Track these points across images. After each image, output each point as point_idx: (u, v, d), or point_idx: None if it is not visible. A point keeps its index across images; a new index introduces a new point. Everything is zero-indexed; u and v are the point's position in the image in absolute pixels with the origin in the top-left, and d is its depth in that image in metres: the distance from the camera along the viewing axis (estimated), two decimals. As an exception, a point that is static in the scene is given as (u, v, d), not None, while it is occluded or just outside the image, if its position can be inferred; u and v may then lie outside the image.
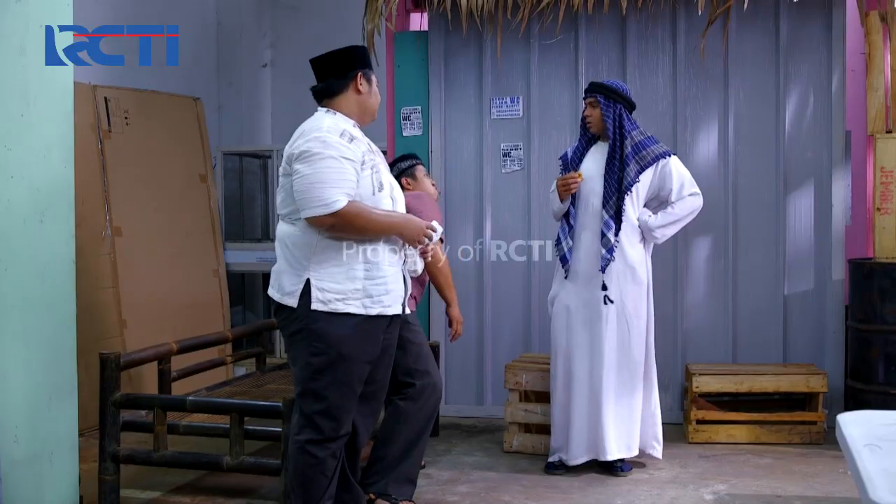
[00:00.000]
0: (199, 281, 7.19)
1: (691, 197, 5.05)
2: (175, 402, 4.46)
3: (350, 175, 3.48)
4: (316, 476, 3.61)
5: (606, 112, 4.94)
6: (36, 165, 4.00)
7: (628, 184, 4.92)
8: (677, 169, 5.03)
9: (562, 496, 4.67)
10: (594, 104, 4.98)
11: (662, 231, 5.03)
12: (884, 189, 5.64)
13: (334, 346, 3.52)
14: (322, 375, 3.55)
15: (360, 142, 3.60)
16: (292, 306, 3.54)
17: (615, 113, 4.94)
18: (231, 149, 8.11)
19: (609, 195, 4.91)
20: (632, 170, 4.91)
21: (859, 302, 5.60)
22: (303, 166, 3.46)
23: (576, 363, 4.98)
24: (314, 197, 3.43)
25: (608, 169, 4.93)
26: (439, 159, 6.41)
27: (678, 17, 6.10)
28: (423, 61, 6.44)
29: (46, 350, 4.06)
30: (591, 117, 5.00)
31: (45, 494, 4.03)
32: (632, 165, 4.91)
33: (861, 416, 3.54)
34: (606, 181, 4.93)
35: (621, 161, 4.92)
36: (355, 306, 3.53)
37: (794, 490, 4.71)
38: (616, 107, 4.95)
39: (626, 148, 4.93)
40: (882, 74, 5.74)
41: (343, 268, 3.52)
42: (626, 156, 4.92)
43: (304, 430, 3.61)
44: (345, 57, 3.72)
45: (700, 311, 6.14)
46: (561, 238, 5.02)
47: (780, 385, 5.59)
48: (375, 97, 3.80)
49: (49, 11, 4.05)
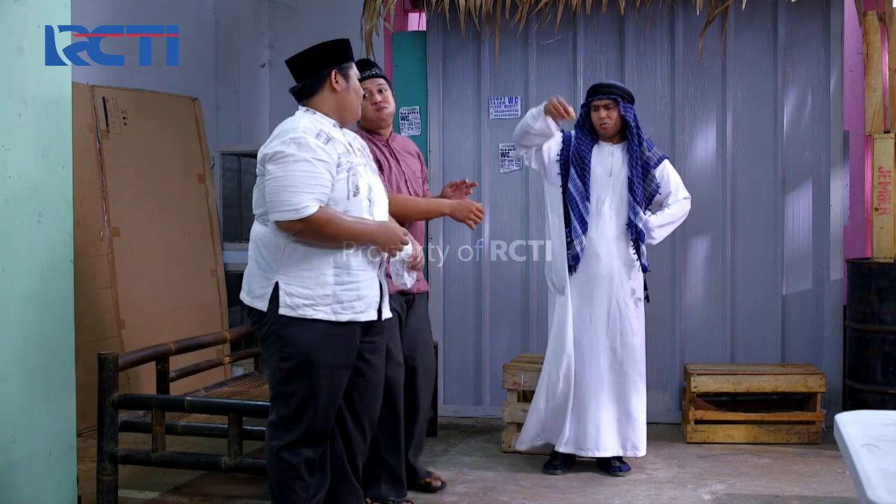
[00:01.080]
0: (197, 281, 7.18)
1: (685, 200, 5.13)
2: (173, 402, 4.46)
3: (324, 179, 3.41)
4: (291, 482, 3.54)
5: (626, 114, 4.95)
6: (34, 165, 4.00)
7: (656, 186, 5.00)
8: (673, 171, 5.10)
9: (560, 496, 4.68)
10: (611, 106, 4.94)
11: (661, 231, 5.07)
12: (882, 189, 5.64)
13: (302, 351, 3.45)
14: (291, 380, 3.49)
15: (336, 143, 3.52)
16: (262, 310, 3.49)
17: (633, 114, 4.98)
18: (229, 149, 8.09)
19: (639, 199, 4.95)
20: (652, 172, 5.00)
21: (857, 302, 5.61)
22: (275, 167, 3.41)
23: (578, 357, 4.99)
24: (284, 201, 3.37)
25: (633, 171, 4.95)
26: (438, 159, 6.41)
27: (676, 17, 6.10)
28: (422, 61, 6.44)
29: (44, 350, 4.05)
30: (609, 118, 4.95)
31: (43, 495, 4.03)
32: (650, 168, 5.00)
33: (859, 416, 3.54)
34: (634, 184, 4.94)
35: (643, 163, 4.97)
36: (324, 312, 3.46)
37: (792, 490, 4.72)
38: (631, 108, 4.98)
39: (645, 150, 4.97)
40: (880, 74, 5.74)
41: (313, 272, 3.45)
42: (647, 158, 4.98)
43: (276, 435, 3.56)
44: (319, 54, 3.65)
45: (698, 311, 6.14)
46: (573, 236, 4.98)
47: (778, 385, 5.60)
48: (356, 94, 3.70)
49: (47, 11, 4.04)
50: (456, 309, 6.42)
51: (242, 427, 4.24)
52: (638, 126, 4.98)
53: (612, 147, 5.03)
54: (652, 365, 6.14)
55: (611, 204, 5.00)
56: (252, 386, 5.40)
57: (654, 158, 5.02)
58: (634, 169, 4.95)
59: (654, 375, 6.16)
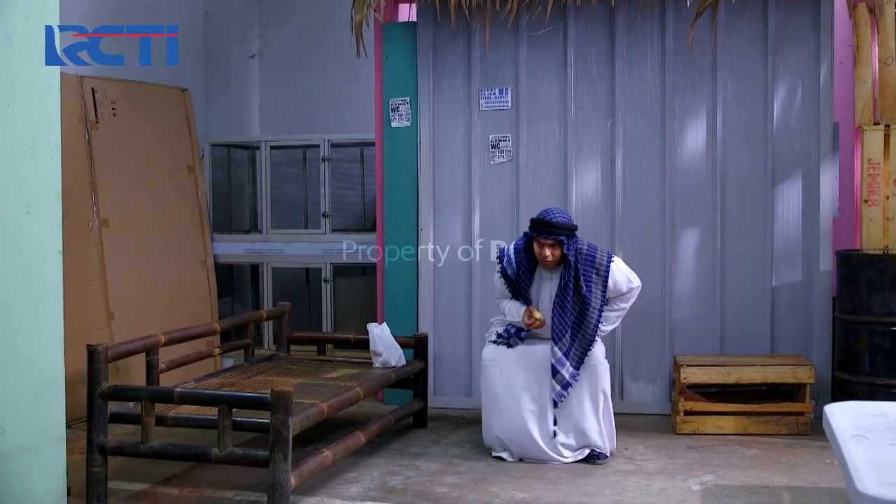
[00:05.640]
0: (186, 272, 7.17)
1: (636, 289, 5.24)
2: (163, 393, 4.45)
3: None
4: None
5: (570, 252, 5.02)
6: (22, 157, 3.97)
7: (599, 312, 5.07)
8: (619, 271, 5.17)
9: (550, 487, 4.68)
10: (556, 245, 5.02)
11: (613, 326, 5.31)
12: (871, 181, 5.65)
13: None
14: None
15: None
16: None
17: (574, 249, 5.04)
18: (219, 139, 8.07)
19: (561, 332, 5.03)
20: (597, 294, 5.05)
21: (847, 293, 5.62)
22: None
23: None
24: None
25: (559, 307, 5.05)
26: (428, 150, 6.40)
27: (667, 8, 6.09)
28: (412, 52, 6.43)
29: (33, 341, 4.03)
30: (552, 256, 5.04)
31: (33, 486, 4.01)
32: (594, 290, 5.05)
33: (848, 407, 3.56)
34: (556, 320, 5.05)
35: (580, 298, 5.04)
36: None
37: (781, 480, 4.73)
38: (574, 244, 5.05)
39: (581, 287, 5.03)
40: (870, 66, 5.75)
41: None
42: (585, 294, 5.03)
43: None
44: None
45: (688, 303, 6.16)
46: (511, 336, 5.24)
47: (767, 376, 5.61)
48: None
49: (36, 1, 4.01)
50: (446, 301, 6.42)
51: (232, 418, 4.23)
52: (577, 262, 5.03)
53: (550, 273, 5.18)
54: (642, 356, 6.18)
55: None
56: (242, 377, 5.39)
57: (605, 264, 5.08)
58: (561, 306, 5.05)
59: (644, 367, 6.18)
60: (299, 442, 4.60)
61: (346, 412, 5.52)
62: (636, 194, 6.18)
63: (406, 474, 4.91)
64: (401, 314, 6.43)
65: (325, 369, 5.71)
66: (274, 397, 4.04)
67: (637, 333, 6.17)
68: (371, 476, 4.88)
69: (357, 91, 8.02)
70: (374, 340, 5.80)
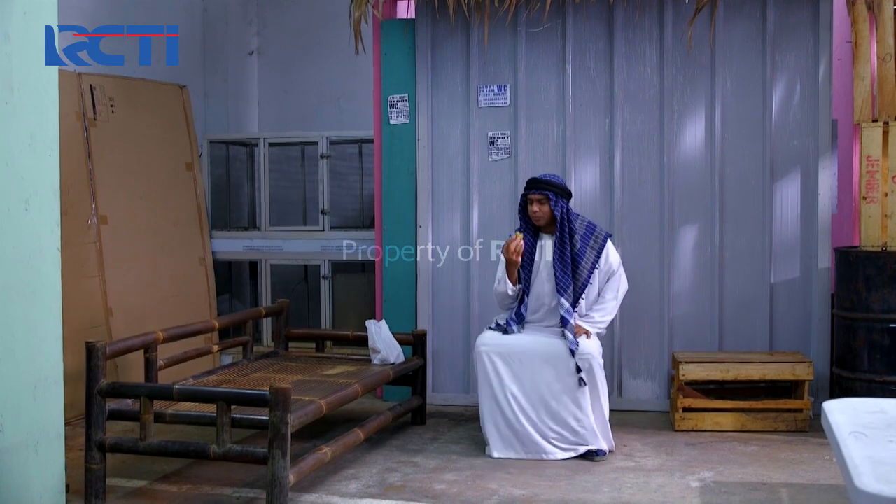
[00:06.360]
0: (185, 269, 7.17)
1: (622, 274, 5.38)
2: (161, 390, 4.45)
3: None
4: None
5: (556, 208, 5.17)
6: (20, 153, 3.97)
7: (589, 271, 5.22)
8: (613, 251, 5.35)
9: (549, 484, 4.69)
10: (543, 201, 5.21)
11: (603, 323, 5.36)
12: (870, 178, 5.66)
13: None
14: None
15: None
16: None
17: (563, 208, 5.20)
18: (217, 136, 8.07)
19: (564, 286, 5.17)
20: (590, 256, 5.21)
21: (845, 290, 5.62)
22: None
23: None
24: None
25: (559, 261, 5.19)
26: (426, 147, 6.40)
27: (665, 5, 6.09)
28: (410, 49, 6.42)
29: (32, 339, 4.03)
30: (540, 212, 5.22)
31: (32, 483, 4.02)
32: (588, 252, 5.21)
33: (846, 404, 3.56)
34: (559, 273, 5.18)
35: (573, 253, 5.19)
36: None
37: (779, 477, 4.74)
38: (563, 203, 5.22)
39: (575, 243, 5.20)
40: (868, 63, 5.75)
41: None
42: (579, 251, 5.20)
43: None
44: None
45: (686, 300, 6.16)
46: (510, 324, 5.29)
47: (766, 373, 5.62)
48: None
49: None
50: (445, 298, 6.42)
51: (231, 415, 4.23)
52: (570, 220, 5.20)
53: (545, 239, 5.30)
54: (640, 353, 6.18)
55: (547, 292, 5.26)
56: (240, 374, 5.39)
57: (601, 237, 5.26)
58: (561, 260, 5.18)
59: (643, 363, 6.18)
60: (298, 439, 4.60)
61: (344, 409, 5.52)
62: (635, 191, 6.18)
63: (405, 471, 4.91)
64: (400, 313, 6.43)
65: (323, 366, 5.71)
66: (272, 394, 4.04)
67: (635, 330, 6.17)
68: (370, 473, 4.89)
69: (355, 88, 8.02)
70: (373, 337, 5.80)
